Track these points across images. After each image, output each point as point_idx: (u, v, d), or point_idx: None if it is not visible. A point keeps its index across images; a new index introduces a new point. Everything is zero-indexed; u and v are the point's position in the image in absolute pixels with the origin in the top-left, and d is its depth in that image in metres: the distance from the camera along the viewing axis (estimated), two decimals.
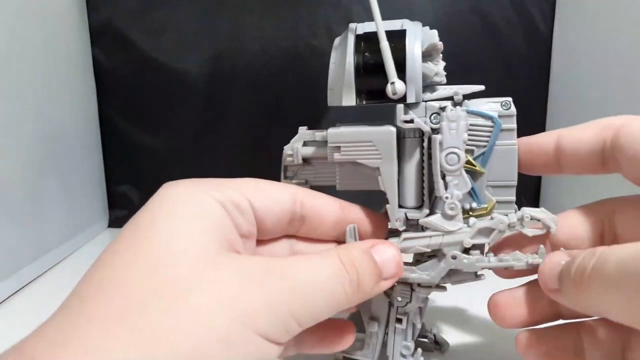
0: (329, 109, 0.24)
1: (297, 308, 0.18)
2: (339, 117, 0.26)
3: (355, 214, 0.24)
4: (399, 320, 0.25)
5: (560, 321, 0.23)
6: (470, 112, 0.23)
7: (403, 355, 0.26)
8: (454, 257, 0.23)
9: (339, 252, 0.20)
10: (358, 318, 0.27)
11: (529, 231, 0.23)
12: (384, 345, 0.26)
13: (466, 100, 0.24)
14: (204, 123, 0.56)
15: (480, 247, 0.23)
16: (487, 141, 0.23)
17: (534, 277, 0.23)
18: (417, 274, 0.23)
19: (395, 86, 0.22)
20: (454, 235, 0.23)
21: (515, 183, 0.23)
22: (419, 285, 0.24)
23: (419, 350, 0.26)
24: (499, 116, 0.23)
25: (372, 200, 0.25)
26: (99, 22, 0.55)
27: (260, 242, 0.23)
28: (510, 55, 0.55)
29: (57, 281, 0.43)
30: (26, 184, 0.43)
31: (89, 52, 0.55)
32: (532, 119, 0.57)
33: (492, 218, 0.23)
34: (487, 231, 0.23)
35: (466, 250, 0.23)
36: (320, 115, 0.51)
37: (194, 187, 0.20)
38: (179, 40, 0.55)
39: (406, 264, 0.23)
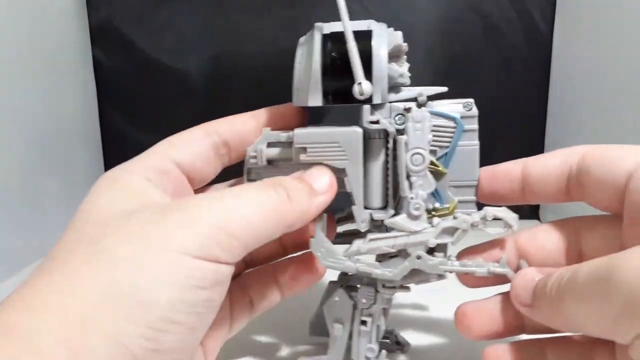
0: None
1: (232, 226, 0.19)
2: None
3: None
4: (364, 323, 0.25)
5: (524, 336, 0.23)
6: (433, 113, 0.23)
7: (368, 358, 0.26)
8: (418, 258, 0.23)
9: (265, 180, 0.22)
10: (322, 322, 0.27)
11: (492, 230, 0.23)
12: (348, 349, 0.26)
13: (429, 102, 0.24)
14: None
15: (443, 249, 0.23)
16: (449, 142, 0.24)
17: (502, 289, 0.23)
18: (381, 270, 0.23)
19: (362, 87, 0.22)
20: (419, 235, 0.23)
21: (476, 183, 0.24)
22: (383, 286, 0.24)
23: (383, 352, 0.26)
24: (461, 117, 0.24)
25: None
26: (99, 22, 0.55)
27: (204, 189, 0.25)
28: (510, 55, 0.55)
29: None
30: (26, 184, 0.43)
31: (89, 52, 0.55)
32: (532, 119, 0.57)
33: (455, 217, 0.23)
34: (450, 230, 0.23)
35: (430, 251, 0.23)
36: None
37: (118, 169, 0.23)
38: (179, 41, 0.55)
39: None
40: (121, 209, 0.20)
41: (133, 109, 0.57)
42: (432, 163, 0.23)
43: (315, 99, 0.23)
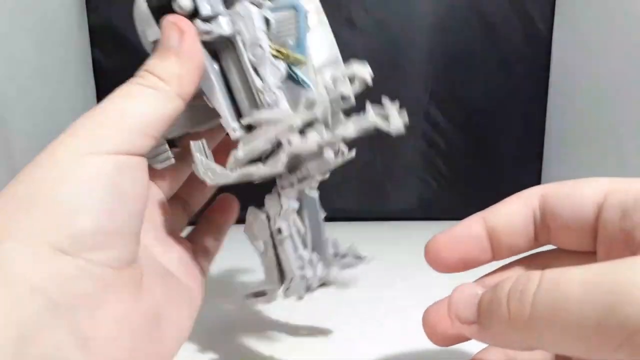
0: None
1: (126, 121, 0.20)
2: None
3: None
4: (279, 231, 0.24)
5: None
6: (273, 10, 0.24)
7: (301, 267, 0.25)
8: (289, 143, 0.22)
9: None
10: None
11: (347, 90, 0.23)
12: (282, 271, 0.25)
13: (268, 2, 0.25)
14: None
15: (317, 129, 0.23)
16: (296, 29, 0.24)
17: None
18: (262, 168, 0.23)
19: (179, 1, 0.22)
20: (283, 121, 0.23)
21: (339, 57, 0.24)
22: (282, 188, 0.24)
23: (320, 262, 0.26)
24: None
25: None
26: (99, 22, 0.55)
27: None
28: (509, 55, 0.55)
29: None
30: None
31: (89, 52, 0.55)
32: (532, 119, 0.57)
33: (307, 92, 0.23)
34: (310, 104, 0.23)
35: (301, 134, 0.23)
36: None
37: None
38: None
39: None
40: None
41: None
42: (285, 55, 0.23)
43: (153, 33, 0.24)
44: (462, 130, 0.56)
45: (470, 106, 0.56)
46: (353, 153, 0.24)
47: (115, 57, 0.55)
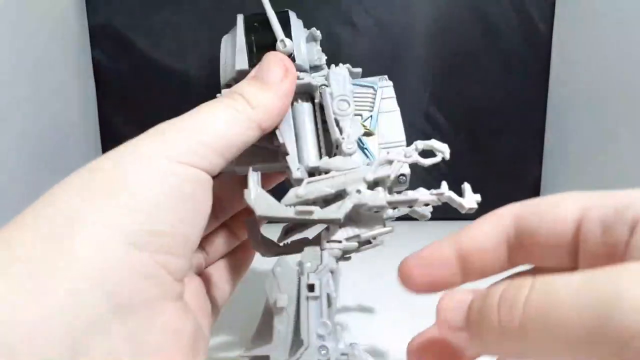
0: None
1: (204, 137, 0.20)
2: None
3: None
4: (311, 288, 0.21)
5: None
6: (353, 84, 0.26)
7: (320, 336, 0.21)
8: (358, 192, 0.23)
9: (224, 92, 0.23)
10: (268, 326, 0.22)
11: (425, 161, 0.24)
12: (297, 335, 0.21)
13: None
14: None
15: (383, 184, 0.24)
16: (372, 106, 0.25)
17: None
18: (322, 211, 0.22)
19: (285, 42, 0.24)
20: (355, 171, 0.23)
21: (404, 143, 0.25)
22: (327, 242, 0.23)
23: (339, 327, 0.22)
24: (379, 87, 0.26)
25: None
26: (99, 22, 0.55)
27: None
28: (509, 55, 0.55)
29: None
30: (25, 185, 0.43)
31: (89, 53, 0.55)
32: (531, 119, 0.57)
33: (388, 152, 0.24)
34: (387, 163, 0.23)
35: (370, 188, 0.23)
36: None
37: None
38: (179, 41, 0.55)
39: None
40: None
41: (133, 110, 0.57)
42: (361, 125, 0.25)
43: (242, 62, 0.24)
44: (462, 130, 0.56)
45: (470, 106, 0.56)
46: (382, 242, 0.26)
47: (115, 57, 0.55)
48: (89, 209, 0.17)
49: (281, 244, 0.26)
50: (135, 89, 0.56)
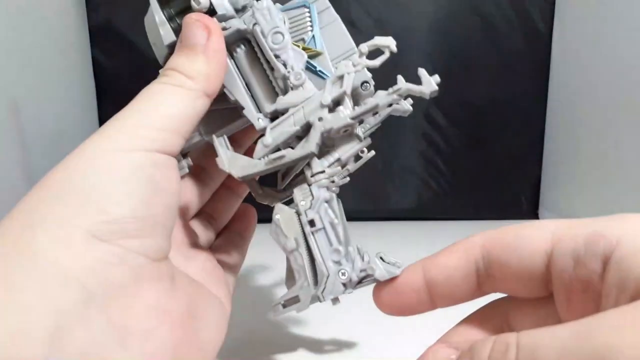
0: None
1: (158, 122, 0.20)
2: None
3: None
4: (312, 223, 0.23)
5: None
6: (284, 10, 0.24)
7: (336, 262, 0.23)
8: (320, 119, 0.23)
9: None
10: (290, 272, 0.24)
11: (374, 62, 0.23)
12: (314, 272, 0.23)
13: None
14: None
15: (344, 103, 0.23)
16: (311, 24, 0.24)
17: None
18: (293, 151, 0.23)
19: None
20: (311, 100, 0.23)
21: (355, 49, 0.24)
22: (311, 176, 0.23)
23: (351, 249, 0.23)
24: (311, 3, 0.24)
25: None
26: (99, 22, 0.55)
27: None
28: (509, 55, 0.55)
29: None
30: (25, 185, 0.43)
31: (89, 52, 0.55)
32: (531, 119, 0.57)
33: (336, 68, 0.23)
34: (338, 80, 0.23)
35: (330, 112, 0.23)
36: None
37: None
38: None
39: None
40: None
41: None
42: (305, 49, 0.24)
43: (168, 35, 0.24)
44: (462, 130, 0.56)
45: (470, 106, 0.56)
46: (372, 152, 0.24)
47: (115, 57, 0.55)
48: (44, 210, 0.17)
49: (282, 189, 0.26)
50: (135, 88, 0.56)
